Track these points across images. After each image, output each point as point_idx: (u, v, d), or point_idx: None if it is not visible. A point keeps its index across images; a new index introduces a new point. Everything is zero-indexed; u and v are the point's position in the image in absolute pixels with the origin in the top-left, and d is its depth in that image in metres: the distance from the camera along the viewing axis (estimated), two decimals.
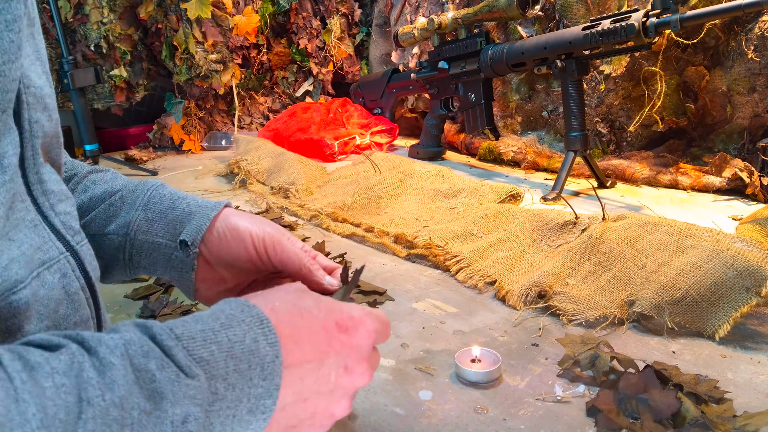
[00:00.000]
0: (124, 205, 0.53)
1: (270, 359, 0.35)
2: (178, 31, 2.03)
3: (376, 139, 1.80)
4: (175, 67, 2.09)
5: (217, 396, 0.32)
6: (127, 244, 0.52)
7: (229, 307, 0.37)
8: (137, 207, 0.52)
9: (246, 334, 0.35)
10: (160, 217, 0.52)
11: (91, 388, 0.28)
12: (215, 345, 0.33)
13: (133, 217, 0.52)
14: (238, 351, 0.34)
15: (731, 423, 0.48)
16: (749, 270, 0.64)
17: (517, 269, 0.82)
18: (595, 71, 1.38)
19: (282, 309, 0.38)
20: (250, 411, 0.34)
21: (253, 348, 0.34)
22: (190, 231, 0.51)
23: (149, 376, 0.30)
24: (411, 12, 1.97)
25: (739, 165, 1.17)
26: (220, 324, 0.35)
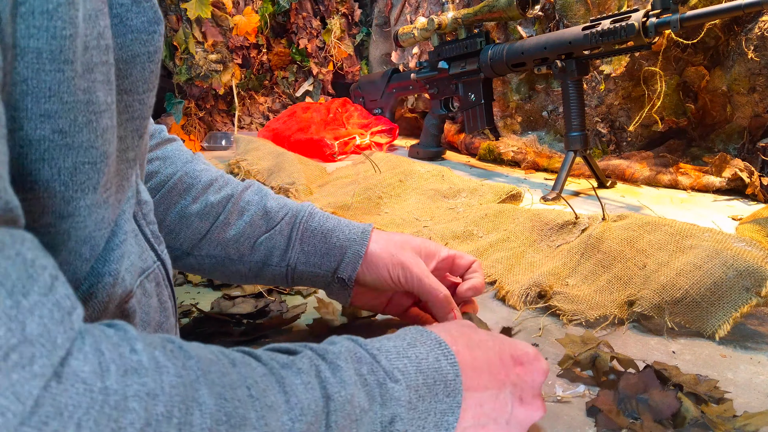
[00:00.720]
0: (282, 239, 0.60)
1: (452, 377, 0.37)
2: (178, 31, 2.03)
3: (376, 139, 1.80)
4: (175, 67, 2.09)
5: (411, 405, 0.35)
6: (289, 272, 0.61)
7: (410, 331, 0.41)
8: (294, 241, 0.60)
9: (429, 353, 0.38)
10: (315, 250, 0.60)
11: (329, 386, 0.32)
12: (406, 359, 0.37)
13: (291, 251, 0.60)
14: (424, 366, 0.37)
15: (731, 423, 0.48)
16: (749, 270, 0.64)
17: (517, 269, 0.82)
18: (595, 71, 1.38)
19: (459, 338, 0.42)
20: (436, 425, 0.36)
21: (437, 366, 0.37)
22: (346, 269, 0.60)
23: (362, 380, 0.34)
24: (411, 12, 1.97)
25: (739, 165, 1.17)
26: (407, 343, 0.38)
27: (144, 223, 0.43)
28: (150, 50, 0.35)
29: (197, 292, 0.81)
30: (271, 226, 0.60)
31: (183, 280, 0.85)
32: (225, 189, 0.61)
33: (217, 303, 0.75)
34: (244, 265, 0.60)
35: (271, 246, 0.60)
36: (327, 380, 0.32)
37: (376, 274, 0.59)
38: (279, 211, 0.61)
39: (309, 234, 0.60)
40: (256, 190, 0.63)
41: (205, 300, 0.77)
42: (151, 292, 0.42)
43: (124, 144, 0.35)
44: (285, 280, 0.61)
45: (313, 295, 0.79)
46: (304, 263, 0.60)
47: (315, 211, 0.63)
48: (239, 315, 0.72)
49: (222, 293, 0.78)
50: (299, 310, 0.73)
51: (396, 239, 0.61)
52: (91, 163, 0.30)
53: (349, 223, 0.62)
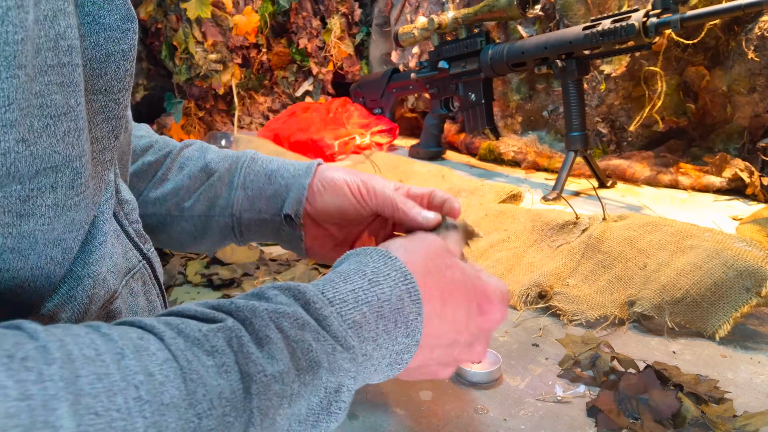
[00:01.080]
0: (224, 186, 0.55)
1: (413, 317, 0.36)
2: (178, 30, 2.03)
3: (376, 139, 1.80)
4: (175, 67, 2.09)
5: (366, 357, 0.33)
6: (235, 223, 0.55)
7: (371, 259, 0.37)
8: (236, 187, 0.55)
9: (392, 291, 0.35)
10: (259, 194, 0.55)
11: (252, 364, 0.28)
12: (366, 306, 0.34)
13: (234, 198, 0.55)
14: (386, 311, 0.34)
15: (731, 423, 0.48)
16: (749, 270, 0.64)
17: (517, 269, 0.82)
18: (596, 71, 1.38)
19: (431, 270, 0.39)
20: (390, 364, 0.35)
21: (399, 306, 0.35)
22: (291, 204, 0.54)
23: (305, 347, 0.31)
24: (411, 12, 1.97)
25: (739, 165, 1.17)
26: (368, 281, 0.35)
27: (126, 222, 0.42)
28: (124, 48, 0.34)
29: (197, 292, 0.81)
30: (210, 175, 0.56)
31: (183, 280, 0.85)
32: (164, 149, 0.58)
33: None
34: (187, 221, 0.56)
35: (211, 195, 0.55)
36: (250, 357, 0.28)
37: (335, 194, 0.53)
38: (220, 161, 0.57)
39: (252, 177, 0.55)
40: (197, 147, 0.59)
41: (205, 299, 0.77)
42: (138, 291, 0.42)
43: (100, 145, 0.35)
44: (232, 232, 0.56)
45: None
46: (249, 210, 0.55)
47: (258, 156, 0.58)
48: None
49: (222, 293, 0.78)
50: None
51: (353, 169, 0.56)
52: (52, 167, 0.29)
53: (295, 162, 0.57)
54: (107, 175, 0.37)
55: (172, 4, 2.01)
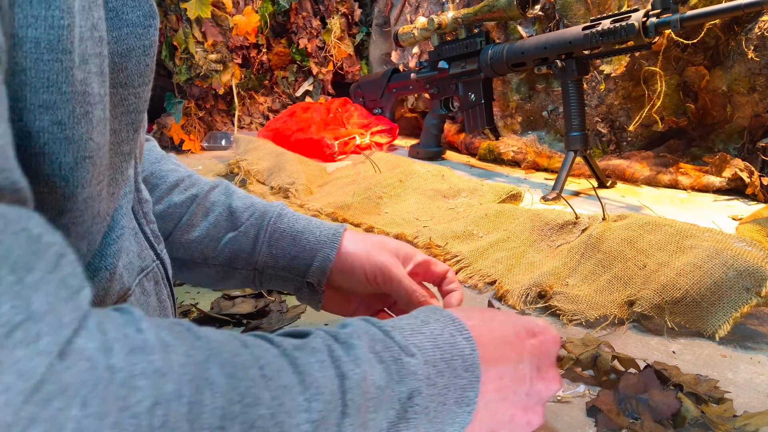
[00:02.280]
0: (248, 241, 0.57)
1: (468, 352, 0.36)
2: (178, 30, 2.03)
3: (376, 139, 1.80)
4: (175, 67, 2.09)
5: (429, 380, 0.34)
6: (257, 276, 0.58)
7: (422, 311, 0.40)
8: (261, 244, 0.57)
9: (444, 329, 0.37)
10: (283, 254, 0.57)
11: (343, 364, 0.31)
12: (421, 335, 0.36)
13: (258, 255, 0.57)
14: (440, 342, 0.36)
15: (731, 423, 0.48)
16: (749, 270, 0.64)
17: (517, 269, 0.82)
18: (595, 71, 1.38)
19: (472, 313, 0.41)
20: (457, 402, 0.35)
21: (452, 341, 0.36)
22: (315, 273, 0.56)
23: (377, 357, 0.33)
24: (411, 12, 1.97)
25: (739, 165, 1.17)
26: (420, 321, 0.37)
27: (144, 221, 0.43)
28: (145, 44, 0.35)
29: (197, 292, 0.81)
30: (236, 227, 0.57)
31: None
32: (190, 189, 0.59)
33: (216, 303, 0.75)
34: (209, 267, 0.58)
35: (236, 248, 0.57)
36: (340, 359, 0.31)
37: (351, 276, 0.56)
38: (245, 211, 0.58)
39: (277, 236, 0.57)
40: (222, 190, 0.60)
41: (205, 300, 0.77)
42: (150, 290, 0.42)
43: (118, 137, 0.35)
44: (253, 283, 0.59)
45: None
46: (272, 267, 0.57)
47: (284, 212, 0.59)
48: (239, 315, 0.72)
49: (222, 293, 0.78)
50: (299, 310, 0.73)
51: (373, 240, 0.58)
52: (89, 157, 0.29)
53: (321, 223, 0.59)
54: (125, 168, 0.37)
55: (172, 4, 2.01)
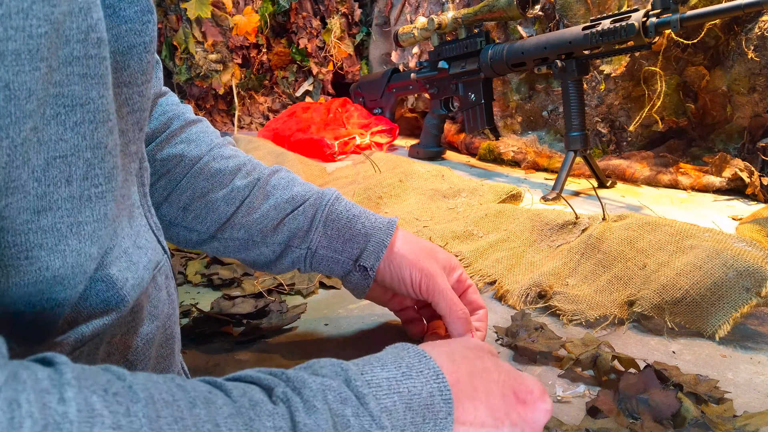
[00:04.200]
0: (306, 220, 0.59)
1: (443, 416, 0.35)
2: (178, 30, 2.03)
3: (376, 139, 1.80)
4: (175, 67, 2.09)
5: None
6: (308, 255, 0.59)
7: (408, 354, 0.38)
8: (317, 223, 0.59)
9: (423, 387, 0.36)
10: (338, 235, 0.59)
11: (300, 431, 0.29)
12: (397, 395, 0.34)
13: (314, 233, 0.59)
14: (415, 404, 0.35)
15: (731, 423, 0.48)
16: (749, 270, 0.64)
17: (517, 269, 0.82)
18: (595, 71, 1.38)
19: (462, 364, 0.39)
20: None
21: (429, 402, 0.35)
22: (369, 257, 0.58)
23: (345, 422, 0.32)
24: (411, 12, 1.97)
25: (739, 165, 1.17)
26: (402, 373, 0.36)
27: (150, 215, 0.43)
28: (145, 40, 0.35)
29: (197, 292, 0.81)
30: (294, 207, 0.59)
31: (183, 280, 0.85)
32: (252, 174, 0.60)
33: (217, 303, 0.75)
34: (267, 246, 0.59)
35: (293, 227, 0.59)
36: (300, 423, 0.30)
37: (398, 274, 0.58)
38: (305, 193, 0.60)
39: (334, 217, 0.59)
40: (283, 175, 0.62)
41: (205, 300, 0.77)
42: (162, 285, 0.42)
43: (125, 137, 0.35)
44: (304, 263, 0.60)
45: (313, 295, 0.79)
46: (326, 247, 0.59)
47: (341, 197, 0.61)
48: (239, 315, 0.72)
49: (222, 293, 0.78)
50: (299, 310, 0.73)
51: (423, 245, 0.60)
52: (62, 157, 0.29)
53: (375, 213, 0.61)
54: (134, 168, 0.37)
55: (172, 4, 2.01)
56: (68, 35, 0.28)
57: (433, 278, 0.56)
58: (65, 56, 0.28)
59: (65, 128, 0.29)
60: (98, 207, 0.32)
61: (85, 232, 0.31)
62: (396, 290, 0.60)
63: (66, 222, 0.30)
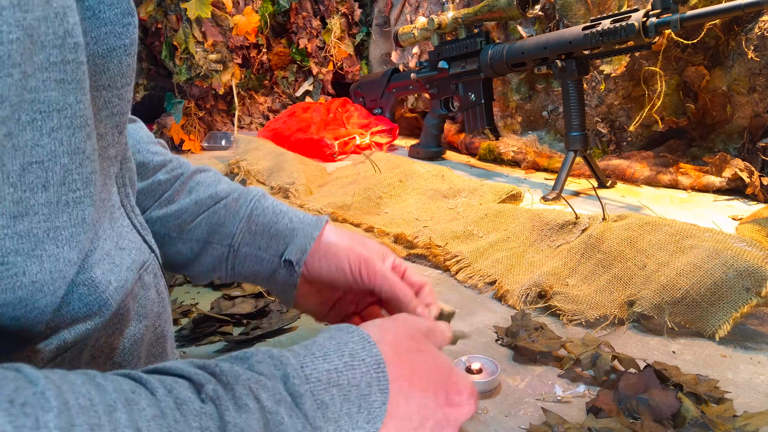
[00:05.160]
0: (228, 215, 0.54)
1: (377, 405, 0.35)
2: (178, 30, 2.03)
3: (376, 139, 1.80)
4: (175, 67, 2.08)
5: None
6: (230, 254, 0.54)
7: (352, 339, 0.37)
8: (241, 217, 0.54)
9: (363, 378, 0.36)
10: (263, 230, 0.54)
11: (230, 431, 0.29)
12: (336, 388, 0.34)
13: (237, 228, 0.54)
14: (353, 395, 0.35)
15: (731, 423, 0.48)
16: (749, 270, 0.64)
17: (517, 269, 0.82)
18: (595, 71, 1.38)
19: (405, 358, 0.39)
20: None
21: (366, 393, 0.35)
22: (295, 251, 0.53)
23: (278, 420, 0.31)
24: (411, 12, 1.97)
25: (739, 165, 1.17)
26: (344, 363, 0.35)
27: (133, 215, 0.42)
28: (125, 43, 0.34)
29: (197, 292, 0.81)
30: (217, 202, 0.55)
31: (183, 280, 0.85)
32: (176, 170, 0.57)
33: (216, 303, 0.75)
34: (184, 243, 0.55)
35: (214, 221, 0.54)
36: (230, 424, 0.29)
37: (334, 264, 0.53)
38: (230, 191, 0.56)
39: (259, 212, 0.54)
40: (211, 175, 0.59)
41: (205, 300, 0.77)
42: (150, 284, 0.42)
43: (104, 141, 0.35)
44: (225, 263, 0.55)
45: None
46: (249, 244, 0.54)
47: (268, 195, 0.57)
48: (239, 315, 0.72)
49: (222, 293, 0.78)
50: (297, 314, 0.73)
51: (353, 235, 0.56)
52: (38, 162, 0.29)
53: (304, 212, 0.57)
54: (113, 173, 0.37)
55: (172, 4, 2.01)
56: (43, 41, 0.28)
57: (371, 261, 0.53)
58: (41, 62, 0.28)
59: (41, 134, 0.29)
60: (76, 212, 0.32)
61: (63, 237, 0.31)
62: (336, 283, 0.54)
63: (42, 227, 0.30)
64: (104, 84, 0.34)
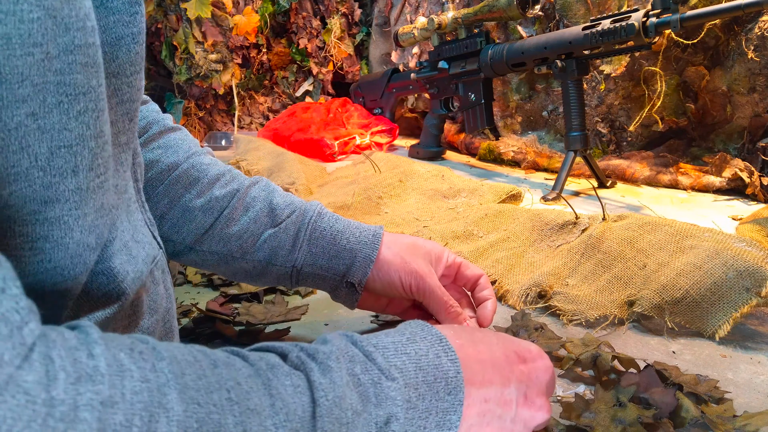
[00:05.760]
0: (289, 238, 0.58)
1: (453, 374, 0.36)
2: (178, 30, 2.03)
3: (376, 139, 1.80)
4: (175, 67, 2.09)
5: (410, 404, 0.34)
6: (294, 273, 0.59)
7: (410, 326, 0.39)
8: (301, 242, 0.58)
9: (429, 350, 0.36)
10: (323, 252, 0.58)
11: (318, 388, 0.30)
12: (405, 356, 0.35)
13: (298, 252, 0.58)
14: (424, 363, 0.35)
15: (731, 423, 0.48)
16: (749, 270, 0.64)
17: (517, 269, 0.82)
18: (595, 71, 1.38)
19: (462, 333, 0.40)
20: (438, 425, 0.35)
21: (437, 363, 0.36)
22: (356, 274, 0.57)
23: (356, 380, 0.32)
24: (411, 12, 1.97)
25: (739, 165, 1.17)
26: (407, 338, 0.37)
27: (144, 210, 0.43)
28: (134, 31, 0.35)
29: (197, 292, 0.81)
30: (276, 223, 0.58)
31: (183, 280, 0.85)
32: (231, 184, 0.59)
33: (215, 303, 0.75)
34: (248, 262, 0.58)
35: (275, 245, 0.57)
36: (315, 383, 0.30)
37: (387, 281, 0.57)
38: (285, 208, 0.59)
39: (318, 234, 0.58)
40: (263, 186, 0.61)
41: (205, 300, 0.77)
42: (159, 279, 0.42)
43: (115, 128, 0.35)
44: (289, 280, 0.59)
45: (313, 295, 0.79)
46: (311, 265, 0.58)
47: (324, 211, 0.60)
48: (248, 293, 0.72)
49: (220, 292, 0.78)
50: (299, 310, 0.73)
51: (406, 242, 0.59)
52: (66, 147, 0.29)
53: (360, 225, 0.60)
54: (125, 159, 0.37)
55: (172, 4, 2.01)
56: (68, 23, 0.28)
57: (422, 278, 0.57)
58: (66, 44, 0.28)
59: (69, 117, 0.29)
60: (97, 197, 0.32)
61: (86, 223, 0.31)
62: (390, 295, 0.60)
63: (73, 215, 0.30)
64: (114, 72, 0.34)
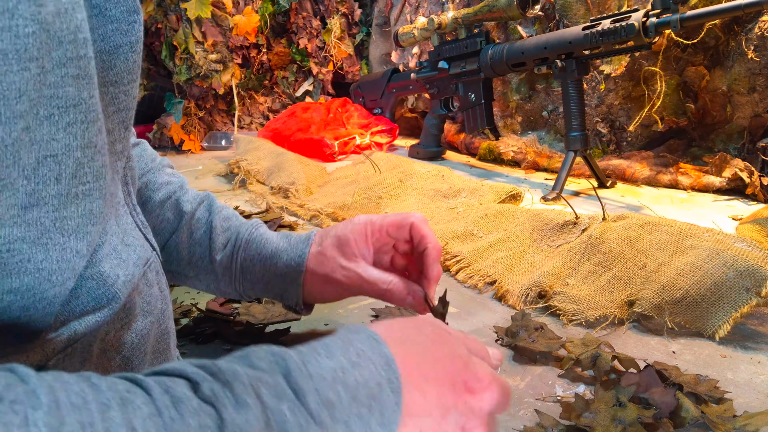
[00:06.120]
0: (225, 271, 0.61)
1: (391, 407, 0.34)
2: (178, 30, 2.03)
3: (376, 139, 1.80)
4: (175, 67, 2.08)
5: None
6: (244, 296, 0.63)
7: (359, 338, 0.36)
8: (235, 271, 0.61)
9: (371, 378, 0.34)
10: (258, 279, 0.61)
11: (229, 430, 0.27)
12: (342, 386, 0.33)
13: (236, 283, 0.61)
14: (362, 395, 0.33)
15: (731, 423, 0.48)
16: (749, 270, 0.64)
17: (517, 269, 0.82)
18: (595, 71, 1.38)
19: (414, 352, 0.37)
20: None
21: (376, 393, 0.33)
22: (290, 299, 0.61)
23: (281, 418, 0.30)
24: (411, 12, 1.97)
25: (739, 165, 1.17)
26: (350, 362, 0.34)
27: (135, 213, 0.43)
28: (131, 40, 0.35)
29: (197, 292, 0.81)
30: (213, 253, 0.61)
31: None
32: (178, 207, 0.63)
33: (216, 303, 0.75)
34: (201, 282, 0.63)
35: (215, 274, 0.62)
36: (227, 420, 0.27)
37: (330, 287, 0.59)
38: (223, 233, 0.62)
39: (248, 263, 0.61)
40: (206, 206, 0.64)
41: (205, 300, 0.77)
42: (153, 281, 0.43)
43: (111, 136, 0.35)
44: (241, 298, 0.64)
45: None
46: (251, 290, 0.62)
47: (253, 236, 0.62)
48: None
49: None
50: None
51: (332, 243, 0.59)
52: (52, 156, 0.30)
53: (288, 242, 0.61)
54: (120, 167, 0.38)
55: (172, 4, 2.01)
56: (60, 36, 0.28)
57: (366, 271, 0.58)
58: (59, 58, 0.28)
59: (57, 129, 0.29)
60: (84, 204, 0.32)
61: (69, 227, 0.31)
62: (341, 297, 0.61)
63: (50, 217, 0.31)
64: (111, 80, 0.35)
